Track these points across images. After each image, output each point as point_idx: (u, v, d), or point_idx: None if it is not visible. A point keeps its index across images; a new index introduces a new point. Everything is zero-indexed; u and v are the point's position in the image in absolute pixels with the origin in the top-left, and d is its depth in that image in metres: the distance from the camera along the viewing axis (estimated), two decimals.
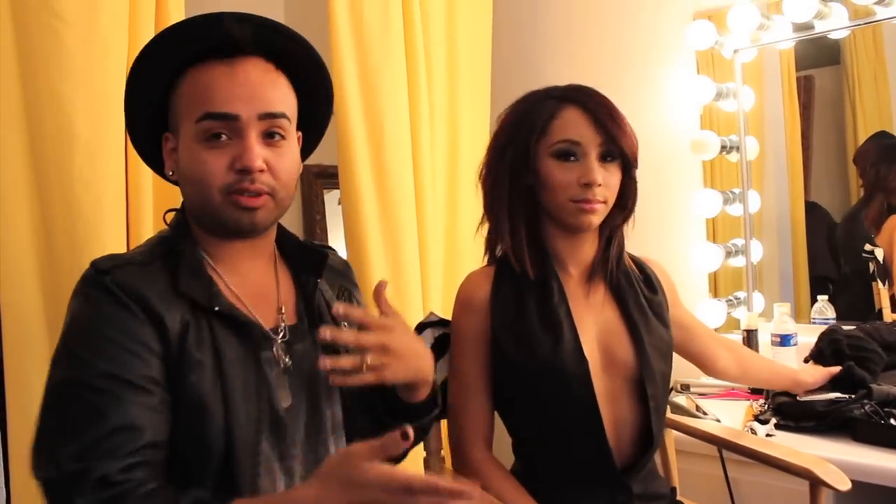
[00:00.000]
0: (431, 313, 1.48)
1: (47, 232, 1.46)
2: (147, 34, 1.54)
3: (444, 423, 1.45)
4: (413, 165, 2.00)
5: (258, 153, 1.00)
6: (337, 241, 2.90)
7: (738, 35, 2.20)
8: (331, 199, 3.01)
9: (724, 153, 2.28)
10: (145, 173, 1.56)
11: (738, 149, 2.28)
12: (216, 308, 1.01)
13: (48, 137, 1.44)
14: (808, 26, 2.11)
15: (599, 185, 1.27)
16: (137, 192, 1.57)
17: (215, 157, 1.01)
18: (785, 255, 2.49)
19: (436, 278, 2.07)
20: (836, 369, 1.70)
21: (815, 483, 1.34)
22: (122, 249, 1.52)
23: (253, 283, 1.10)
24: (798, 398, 1.69)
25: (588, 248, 1.35)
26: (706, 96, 2.24)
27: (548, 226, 1.35)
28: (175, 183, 1.10)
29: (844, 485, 1.32)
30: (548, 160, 1.30)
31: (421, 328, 1.46)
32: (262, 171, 1.01)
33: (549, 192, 1.31)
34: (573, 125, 1.29)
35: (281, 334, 1.08)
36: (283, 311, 1.10)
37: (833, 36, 2.17)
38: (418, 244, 2.00)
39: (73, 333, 0.97)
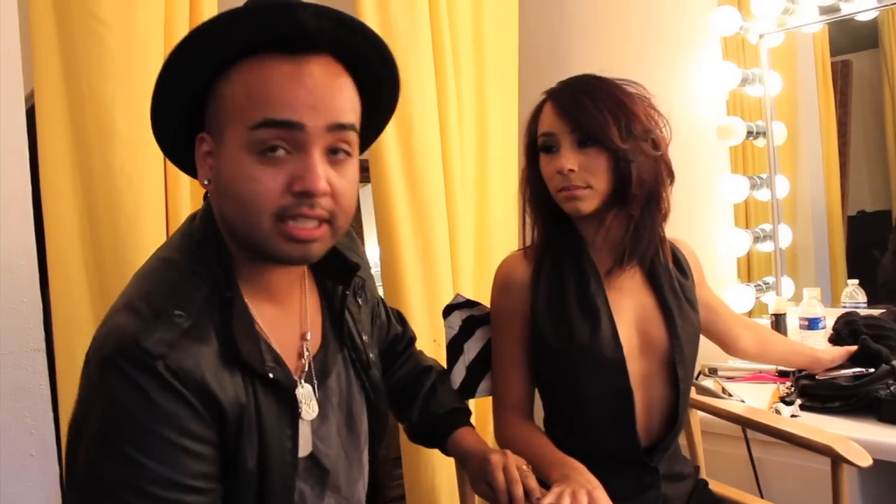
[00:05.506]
0: (458, 295, 1.51)
1: (92, 224, 1.53)
2: (181, 35, 1.58)
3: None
4: (442, 156, 2.03)
5: (322, 174, 0.85)
6: (371, 234, 2.96)
7: (763, 20, 2.20)
8: (364, 193, 3.06)
9: (750, 138, 2.28)
10: None
11: (764, 134, 2.28)
12: (270, 375, 0.90)
13: (91, 135, 1.51)
14: (834, 9, 2.10)
15: (571, 170, 1.29)
16: (176, 185, 1.62)
17: (270, 175, 0.84)
18: (820, 240, 2.49)
19: (466, 267, 2.11)
20: (854, 348, 1.72)
21: (837, 460, 1.36)
22: (162, 240, 1.58)
23: (284, 312, 0.99)
24: (817, 377, 1.71)
25: (615, 233, 1.36)
26: (732, 82, 2.24)
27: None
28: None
29: (865, 461, 1.33)
30: (540, 155, 1.37)
31: (448, 311, 1.50)
32: (325, 194, 0.86)
33: (547, 184, 1.36)
34: (547, 119, 1.34)
35: (305, 374, 0.99)
36: (308, 338, 1.01)
37: (861, 18, 2.16)
38: (448, 234, 2.04)
39: (119, 426, 0.81)
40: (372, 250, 3.01)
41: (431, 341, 1.91)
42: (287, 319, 0.99)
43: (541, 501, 1.07)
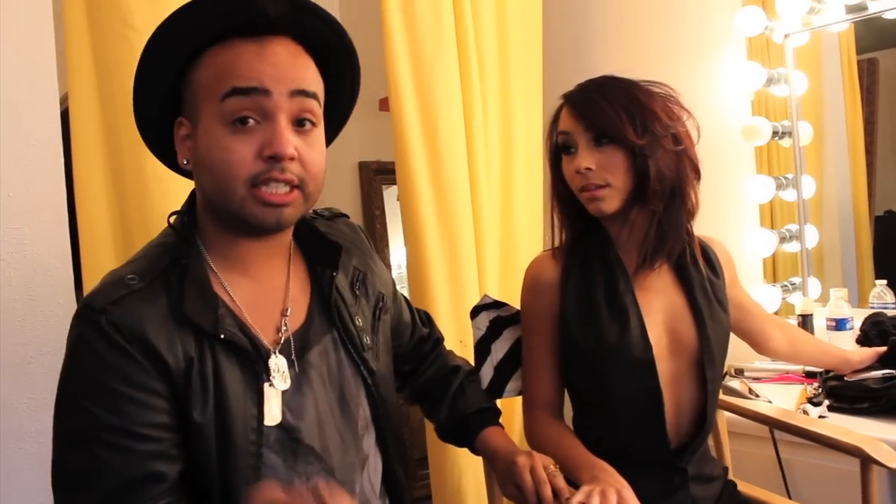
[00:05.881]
0: (485, 296, 1.52)
1: (124, 226, 1.56)
2: None
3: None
4: (467, 157, 2.04)
5: (289, 139, 0.92)
6: (396, 236, 2.98)
7: (788, 19, 2.19)
8: (389, 195, 3.09)
9: (776, 139, 2.27)
10: None
11: (790, 134, 2.27)
12: (221, 336, 0.94)
13: (123, 138, 1.53)
14: (861, 7, 2.09)
15: (588, 169, 1.31)
16: None
17: (242, 144, 0.91)
18: (847, 240, 2.47)
19: (492, 267, 2.12)
20: (883, 349, 1.71)
21: (866, 461, 1.35)
22: None
23: (262, 287, 1.03)
24: (846, 378, 1.70)
25: (639, 231, 1.36)
26: (757, 82, 2.24)
27: None
28: (187, 175, 1.02)
29: (895, 462, 1.33)
30: (561, 157, 1.39)
31: (476, 311, 1.51)
32: (292, 158, 0.92)
33: (569, 185, 1.38)
34: (564, 120, 1.37)
35: (281, 346, 1.02)
36: (289, 314, 1.04)
37: (888, 16, 2.14)
38: (474, 235, 2.05)
39: (74, 377, 0.91)
40: (398, 251, 3.04)
41: (458, 342, 1.92)
42: (266, 295, 1.04)
43: (570, 501, 1.08)
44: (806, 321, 2.11)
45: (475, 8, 2.09)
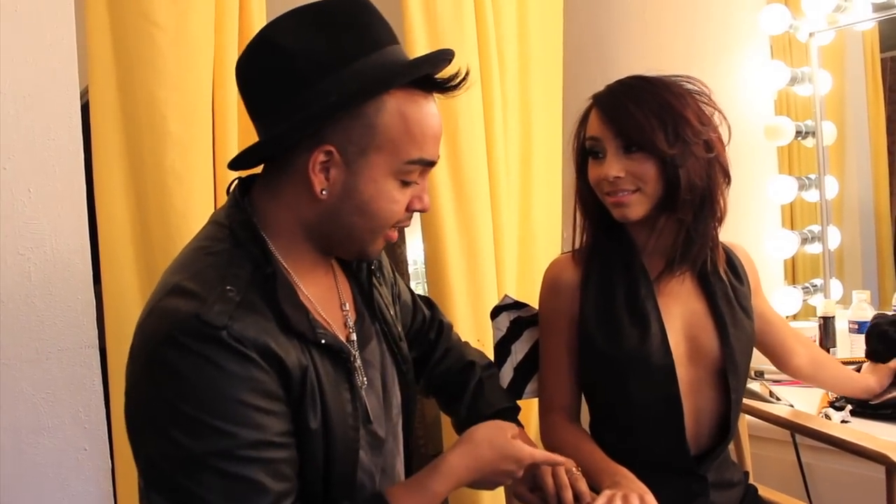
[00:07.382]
0: (506, 296, 1.51)
1: (143, 223, 1.56)
2: (231, 38, 1.62)
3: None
4: (487, 154, 2.03)
5: None
6: (414, 233, 2.97)
7: (813, 18, 2.16)
8: None
9: (799, 139, 2.25)
10: None
11: (813, 134, 2.24)
12: (322, 341, 0.97)
13: (144, 134, 1.54)
14: (888, 5, 2.06)
15: (617, 176, 1.27)
16: (224, 185, 1.61)
17: (404, 197, 0.98)
18: (868, 241, 2.45)
19: (510, 265, 2.11)
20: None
21: (891, 468, 1.33)
22: None
23: (323, 286, 1.06)
24: (871, 402, 1.65)
25: (666, 238, 1.33)
26: (780, 81, 2.22)
27: None
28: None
29: None
30: (587, 159, 1.35)
31: (496, 312, 1.50)
32: None
33: (594, 189, 1.35)
34: (593, 124, 1.33)
35: (355, 344, 1.06)
36: (347, 309, 1.08)
37: None
38: (493, 235, 2.04)
39: (197, 400, 0.85)
40: (414, 248, 3.03)
41: (475, 340, 1.91)
42: (328, 292, 1.07)
43: None
44: (827, 323, 2.09)
45: (496, 4, 2.08)
